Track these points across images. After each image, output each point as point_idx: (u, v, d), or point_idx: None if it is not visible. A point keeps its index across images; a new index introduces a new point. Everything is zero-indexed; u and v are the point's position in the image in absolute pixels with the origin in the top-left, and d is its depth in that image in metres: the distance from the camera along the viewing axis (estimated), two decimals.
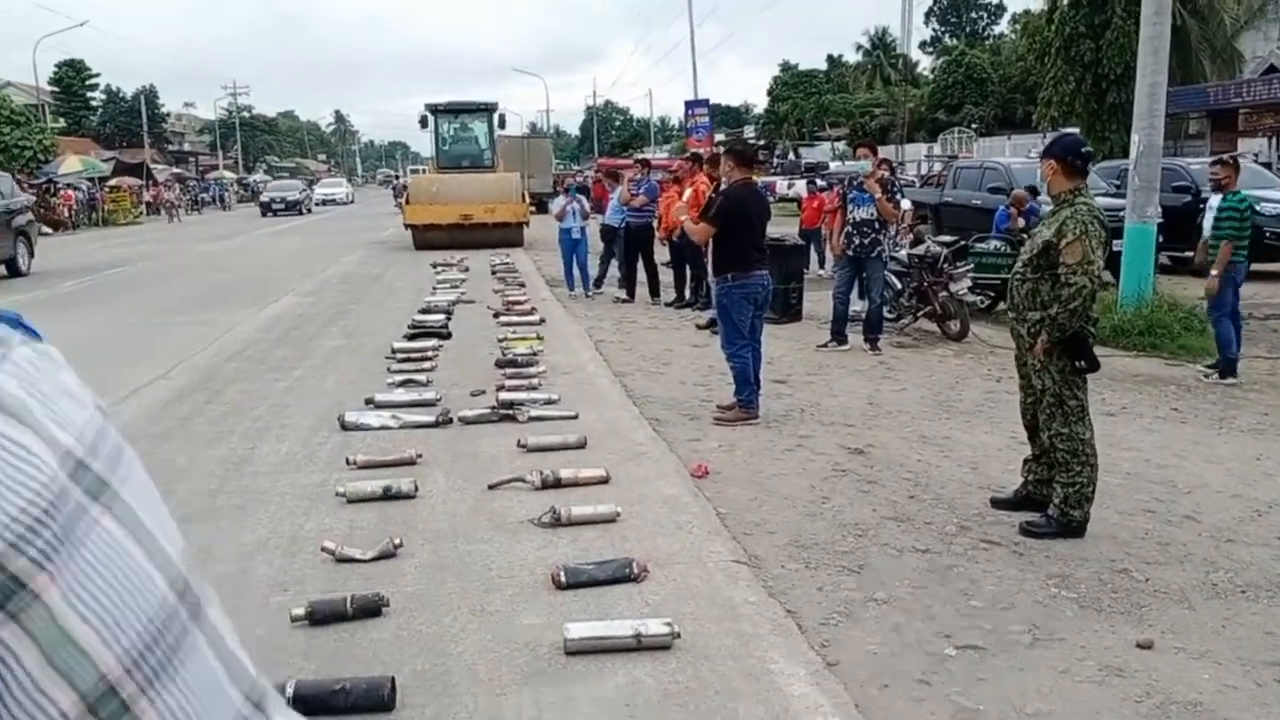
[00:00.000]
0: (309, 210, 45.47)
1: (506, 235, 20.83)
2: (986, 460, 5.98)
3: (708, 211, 6.88)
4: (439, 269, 16.42)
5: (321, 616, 3.72)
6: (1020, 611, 3.90)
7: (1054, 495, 4.78)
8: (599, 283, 14.11)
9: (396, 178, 71.54)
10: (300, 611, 3.72)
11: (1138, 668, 3.48)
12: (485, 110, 23.95)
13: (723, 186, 7.17)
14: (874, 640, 3.66)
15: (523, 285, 14.22)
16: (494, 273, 15.85)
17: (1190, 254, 14.51)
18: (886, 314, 10.99)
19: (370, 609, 3.77)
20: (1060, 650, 3.59)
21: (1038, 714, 3.15)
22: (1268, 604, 4.01)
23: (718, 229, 6.60)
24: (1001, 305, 11.30)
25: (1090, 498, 4.73)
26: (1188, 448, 6.34)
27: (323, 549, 4.37)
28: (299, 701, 3.06)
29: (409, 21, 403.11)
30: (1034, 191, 15.13)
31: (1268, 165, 20.29)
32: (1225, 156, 9.13)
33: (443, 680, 3.32)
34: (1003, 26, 64.34)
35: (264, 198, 45.96)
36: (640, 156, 22.04)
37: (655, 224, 13.11)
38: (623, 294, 13.45)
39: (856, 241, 9.31)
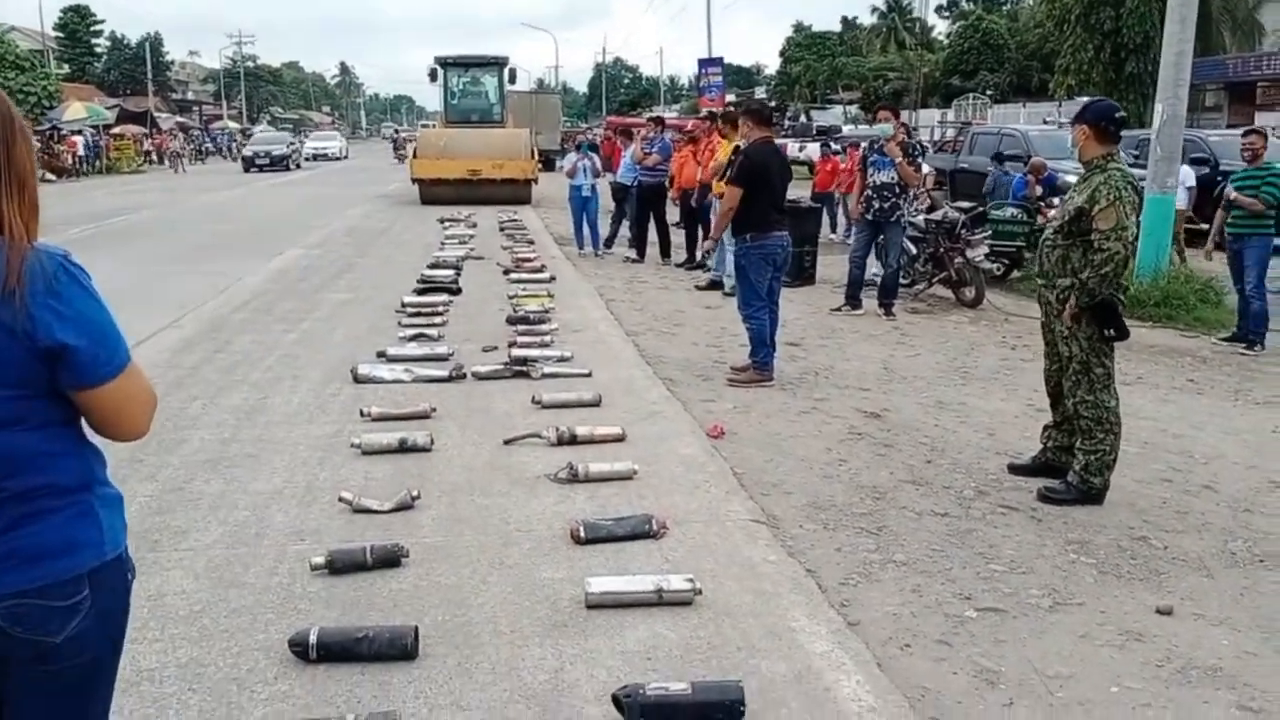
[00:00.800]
0: (297, 166, 40.78)
1: (514, 192, 20.69)
2: (1003, 427, 5.95)
3: (729, 173, 6.77)
4: (446, 224, 16.32)
5: (341, 566, 3.71)
6: (1039, 576, 3.89)
7: (1075, 462, 4.76)
8: (609, 242, 14.02)
9: (397, 131, 69.85)
10: (320, 560, 3.71)
11: (1157, 633, 3.47)
12: (496, 64, 23.71)
13: (742, 145, 7.06)
14: (894, 601, 3.65)
15: (531, 243, 14.13)
16: (502, 229, 15.77)
17: (1206, 226, 14.46)
18: (901, 279, 10.95)
19: (389, 559, 3.77)
20: (1080, 615, 3.59)
21: (1059, 676, 3.15)
22: None
23: (743, 189, 6.51)
24: (1016, 273, 11.25)
25: (1111, 465, 4.70)
26: (1204, 419, 6.31)
27: (340, 499, 4.36)
28: (322, 647, 3.07)
29: None
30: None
31: None
32: (1258, 128, 9.02)
33: (464, 631, 3.32)
34: None
35: (246, 151, 40.30)
36: (654, 115, 21.78)
37: (668, 183, 12.99)
38: (633, 253, 13.37)
39: (876, 205, 9.21)
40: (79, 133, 36.99)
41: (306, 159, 44.88)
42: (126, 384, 1.68)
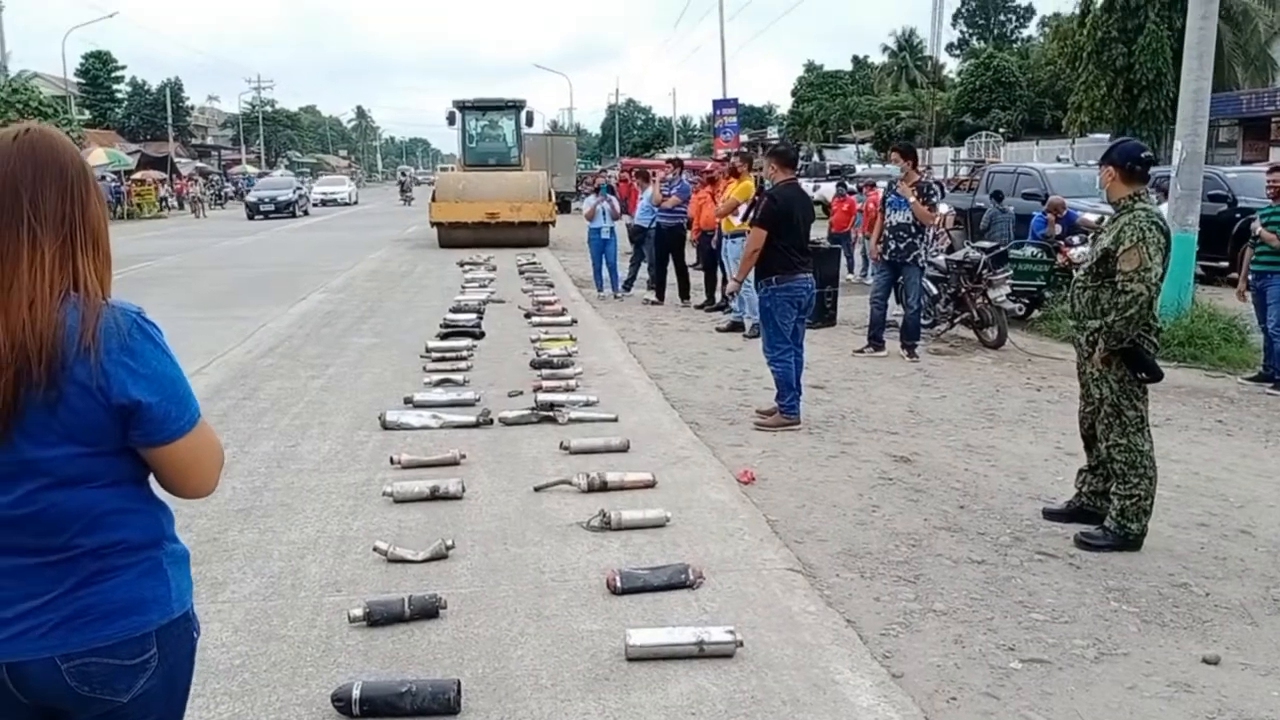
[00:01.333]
0: (305, 212, 38.64)
1: (532, 235, 20.84)
2: (1034, 470, 5.92)
3: (753, 214, 6.80)
4: (466, 268, 16.45)
5: (379, 618, 3.70)
6: (1082, 625, 3.85)
7: (1111, 508, 4.72)
8: (629, 284, 14.08)
9: (404, 173, 69.22)
10: (358, 612, 3.71)
11: (1205, 684, 3.43)
12: (513, 108, 23.97)
13: (766, 187, 7.11)
14: (936, 652, 3.62)
15: (551, 285, 14.21)
16: (521, 272, 15.86)
17: (1225, 264, 14.44)
18: (922, 320, 10.95)
19: (427, 611, 3.76)
20: (1126, 665, 3.54)
21: None
22: None
23: (767, 231, 6.54)
24: (1037, 313, 11.24)
25: (1148, 511, 4.67)
26: (1236, 461, 6.26)
27: (375, 549, 4.36)
28: (366, 702, 3.06)
29: (432, 19, 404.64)
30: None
31: None
32: None
33: (505, 684, 3.30)
34: (1031, 30, 64.04)
35: (250, 198, 38.28)
36: (673, 157, 21.96)
37: (687, 225, 13.06)
38: (652, 295, 13.42)
39: (893, 246, 9.23)
40: (101, 179, 37.48)
41: (315, 204, 42.87)
42: (196, 440, 1.70)
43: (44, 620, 1.61)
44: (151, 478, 1.73)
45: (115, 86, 66.91)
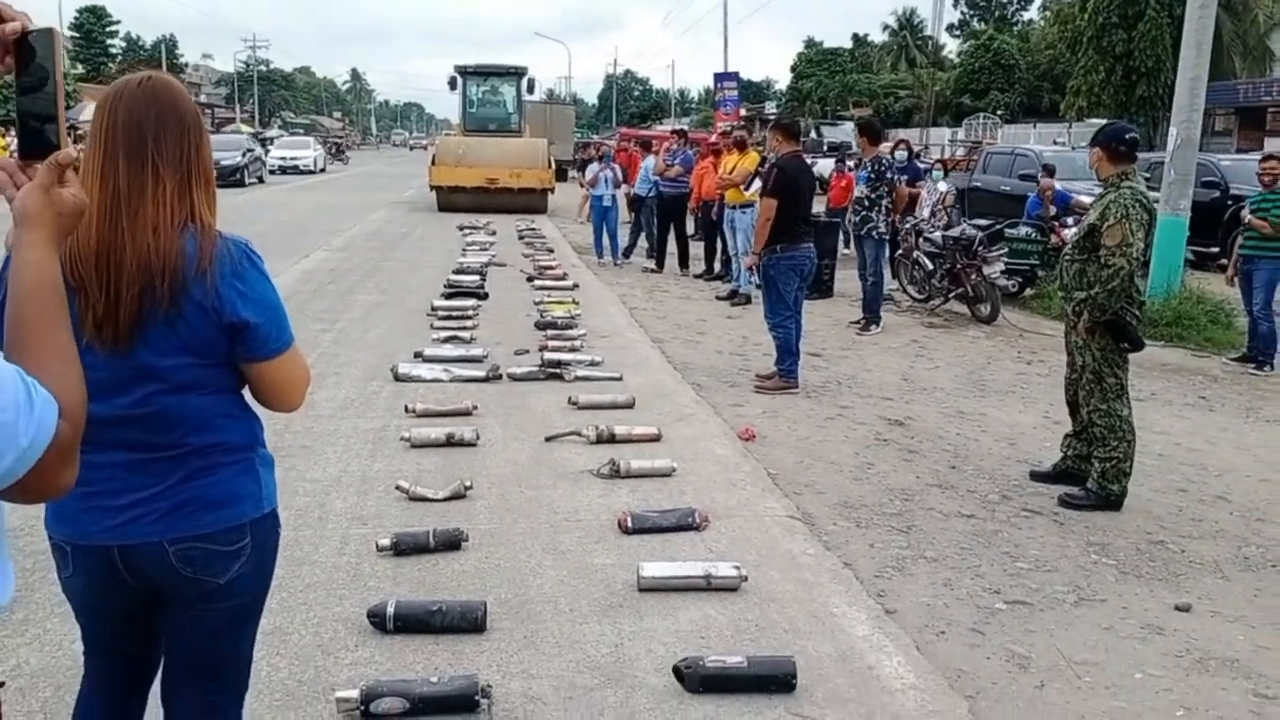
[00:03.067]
0: (260, 179, 31.44)
1: (531, 201, 20.96)
2: (1022, 437, 6.17)
3: (766, 186, 6.96)
4: (466, 231, 16.61)
5: (405, 548, 3.93)
6: (1063, 574, 4.11)
7: (1092, 470, 4.98)
8: (628, 252, 14.27)
9: (338, 137, 60.91)
10: (386, 542, 3.94)
11: (1176, 627, 3.69)
12: (515, 74, 23.98)
13: (771, 159, 7.31)
14: (927, 593, 3.87)
15: (551, 251, 14.39)
16: (521, 238, 16.02)
17: (1216, 249, 14.71)
18: (915, 294, 11.20)
19: (451, 542, 3.99)
20: (1103, 609, 3.80)
21: (1085, 663, 3.37)
22: None
23: (779, 202, 6.75)
24: (1030, 290, 11.48)
25: (1127, 473, 4.93)
26: (1217, 434, 6.53)
27: (397, 488, 4.59)
28: (399, 618, 3.29)
29: None
30: (1050, 170, 15.27)
31: None
32: (1276, 153, 9.24)
33: (526, 608, 3.54)
34: (1032, 13, 63.86)
35: None
36: (677, 128, 22.07)
37: (689, 195, 13.24)
38: (651, 264, 13.61)
39: (854, 219, 9.63)
40: None
41: (271, 172, 35.29)
42: (290, 360, 1.91)
43: (154, 508, 1.83)
44: (246, 392, 1.94)
45: (109, 41, 66.36)
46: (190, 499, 1.84)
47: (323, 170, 40.32)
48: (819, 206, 16.73)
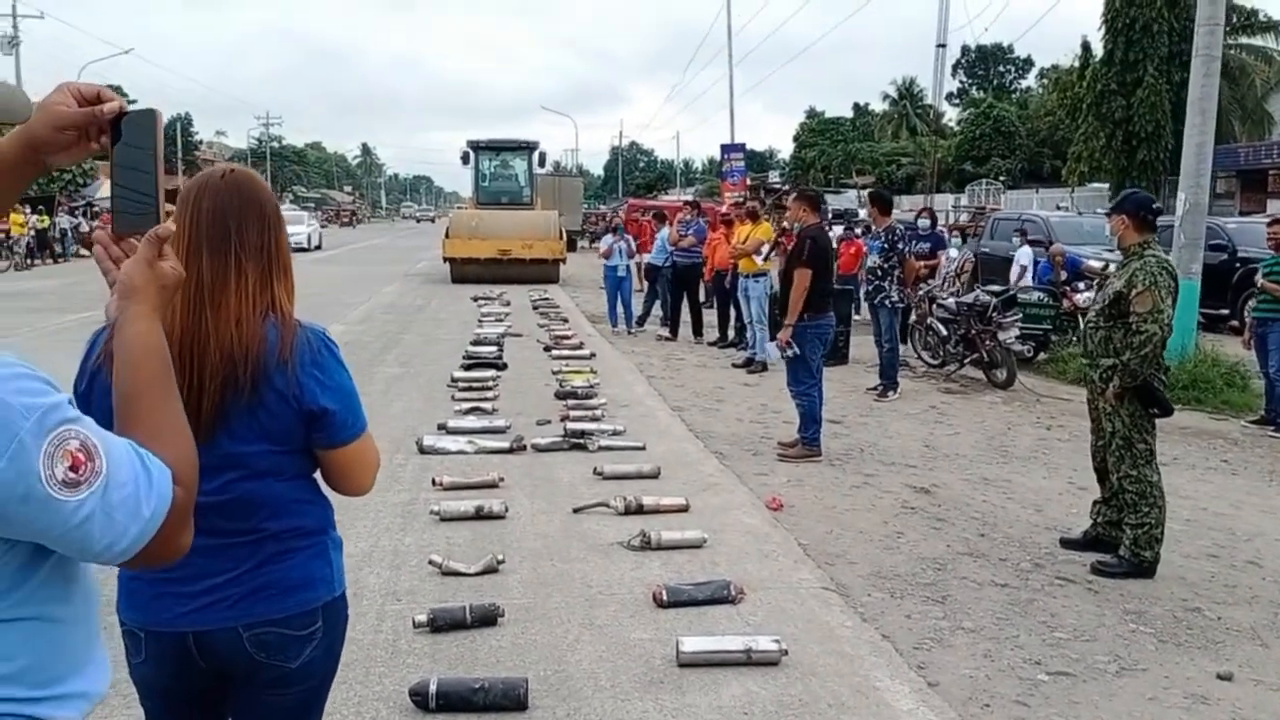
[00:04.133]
0: None
1: (543, 271, 21.20)
2: (1049, 503, 6.16)
3: (803, 257, 6.98)
4: (480, 302, 16.76)
5: (442, 624, 3.93)
6: (1103, 644, 4.08)
7: (1124, 536, 4.97)
8: (642, 320, 14.39)
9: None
10: (422, 618, 3.94)
11: (1220, 697, 3.66)
12: (526, 148, 24.45)
13: (795, 229, 7.43)
14: (968, 665, 3.85)
15: (566, 320, 14.51)
16: (535, 308, 16.17)
17: (1225, 311, 14.77)
18: (930, 360, 11.24)
19: (487, 618, 3.99)
20: (1146, 679, 3.78)
21: None
22: None
23: (813, 272, 6.84)
24: (1043, 355, 11.52)
25: (1159, 539, 4.91)
26: (1242, 498, 6.51)
27: (430, 562, 4.60)
28: (441, 696, 3.28)
29: (439, 58, 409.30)
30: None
31: None
32: None
33: (567, 685, 3.53)
34: (1030, 80, 65.01)
35: None
36: (689, 199, 22.40)
37: (702, 264, 13.39)
38: (665, 332, 13.72)
39: (868, 289, 9.78)
40: None
41: None
42: (364, 445, 1.95)
43: (231, 593, 1.85)
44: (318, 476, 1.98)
45: None
46: (266, 584, 1.87)
47: (318, 247, 36.73)
48: None
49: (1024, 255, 14.56)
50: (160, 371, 1.36)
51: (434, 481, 5.97)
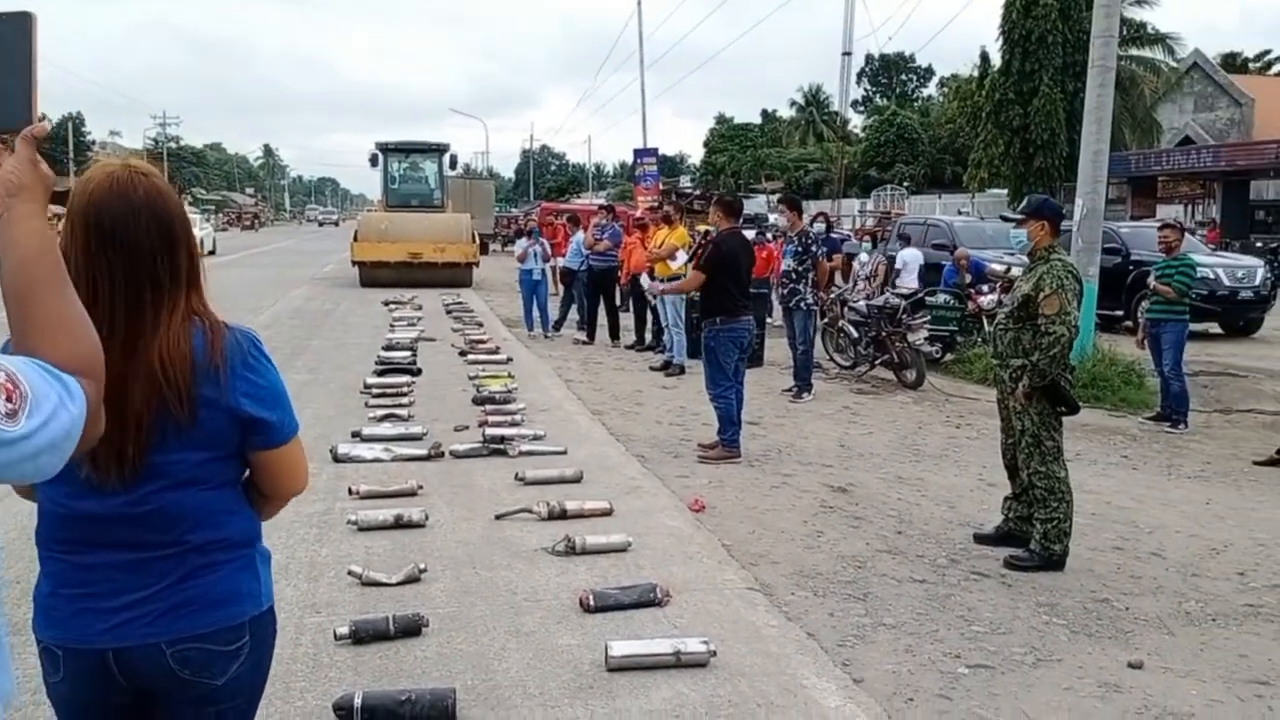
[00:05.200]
0: None
1: (455, 275, 20.95)
2: (961, 500, 6.31)
3: (699, 260, 7.14)
4: (392, 306, 16.48)
5: (364, 635, 3.83)
6: (1018, 636, 4.19)
7: (1034, 531, 5.12)
8: (559, 324, 14.33)
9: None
10: (344, 630, 3.84)
11: (1132, 685, 3.79)
12: (436, 150, 24.15)
13: (711, 233, 7.48)
14: (890, 660, 3.91)
15: (481, 325, 14.36)
16: (449, 311, 15.97)
17: (1120, 312, 15.38)
18: (842, 361, 11.45)
19: (411, 628, 3.90)
20: (1061, 669, 3.89)
21: None
22: (1237, 630, 4.38)
23: (707, 276, 6.89)
24: (949, 356, 11.83)
25: (1068, 533, 5.07)
26: (1142, 491, 6.77)
27: (349, 572, 4.48)
28: (367, 711, 3.20)
29: (343, 58, 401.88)
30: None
31: (1188, 231, 21.49)
32: (1172, 221, 9.76)
33: (495, 694, 3.47)
34: (931, 89, 66.82)
35: None
36: (603, 203, 22.39)
37: (618, 268, 13.39)
38: (582, 336, 13.68)
39: (782, 292, 10.03)
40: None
41: None
42: (297, 446, 1.89)
43: (151, 609, 1.76)
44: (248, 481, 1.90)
45: None
46: (189, 598, 1.78)
47: (211, 252, 34.35)
48: None
49: (906, 256, 15.11)
50: (55, 266, 1.37)
51: (350, 490, 5.83)
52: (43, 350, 1.31)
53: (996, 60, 32.21)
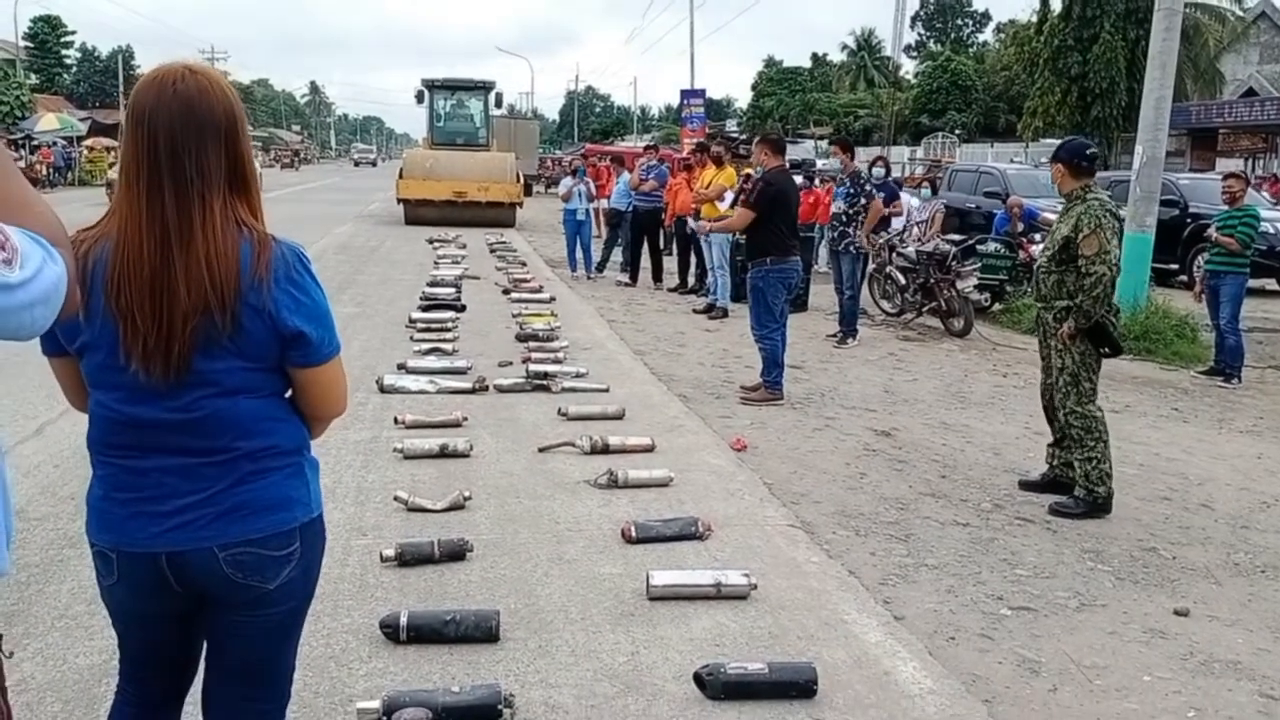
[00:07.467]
0: None
1: (499, 215, 20.91)
2: (1007, 447, 6.25)
3: (749, 197, 7.05)
4: (436, 245, 16.53)
5: (410, 558, 3.90)
6: (1063, 580, 4.16)
7: (1077, 475, 5.06)
8: (601, 265, 14.29)
9: None
10: (390, 553, 3.90)
11: (1178, 631, 3.75)
12: (483, 88, 23.96)
13: (755, 173, 7.37)
14: (932, 600, 3.90)
15: (524, 264, 14.37)
16: (492, 251, 15.99)
17: (1175, 266, 15.04)
18: (888, 308, 11.32)
19: (455, 553, 3.96)
20: (1105, 614, 3.86)
21: (1095, 667, 3.41)
22: None
23: (757, 214, 6.80)
24: (998, 305, 11.65)
25: (1109, 474, 5.00)
26: (1193, 444, 6.66)
27: (395, 498, 4.54)
28: (412, 629, 3.26)
29: None
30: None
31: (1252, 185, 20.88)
32: (1237, 172, 9.48)
33: (538, 618, 3.52)
34: (987, 35, 65.06)
35: None
36: (649, 143, 22.19)
37: (663, 210, 13.29)
38: (625, 277, 13.64)
39: (832, 235, 10.04)
40: (53, 144, 36.70)
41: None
42: (337, 366, 1.89)
43: (204, 513, 1.78)
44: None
45: (64, 52, 65.19)
46: (241, 504, 1.80)
47: None
48: None
49: (911, 201, 14.87)
50: (2, 154, 1.37)
51: (396, 419, 5.89)
52: (12, 224, 1.32)
53: (1056, 5, 31.25)
